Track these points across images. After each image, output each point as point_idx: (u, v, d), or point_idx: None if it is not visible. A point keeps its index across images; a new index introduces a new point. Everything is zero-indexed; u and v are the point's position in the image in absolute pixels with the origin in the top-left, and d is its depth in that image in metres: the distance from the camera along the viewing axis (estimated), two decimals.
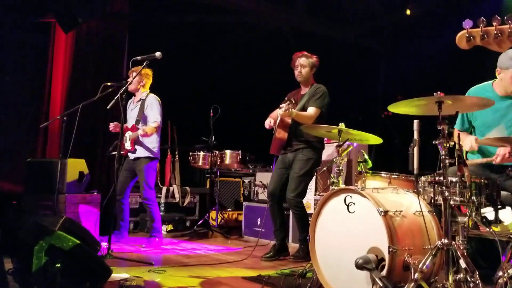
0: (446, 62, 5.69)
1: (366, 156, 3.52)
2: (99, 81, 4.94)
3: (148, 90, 5.07)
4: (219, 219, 6.40)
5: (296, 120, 4.16)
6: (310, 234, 2.98)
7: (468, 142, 3.19)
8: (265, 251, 4.39)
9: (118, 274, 3.18)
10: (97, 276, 2.98)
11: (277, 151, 4.37)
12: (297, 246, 4.39)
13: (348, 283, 2.68)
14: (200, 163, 6.23)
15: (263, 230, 5.56)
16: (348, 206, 2.77)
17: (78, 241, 2.92)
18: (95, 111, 5.93)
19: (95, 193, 5.26)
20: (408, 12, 5.85)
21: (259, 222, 5.71)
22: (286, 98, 4.06)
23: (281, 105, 4.05)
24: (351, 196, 2.77)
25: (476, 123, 3.30)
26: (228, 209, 7.07)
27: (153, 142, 4.93)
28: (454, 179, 2.51)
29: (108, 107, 3.91)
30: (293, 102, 3.98)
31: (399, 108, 2.47)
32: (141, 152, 4.89)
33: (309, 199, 5.16)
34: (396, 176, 3.09)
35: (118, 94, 3.91)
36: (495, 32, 2.09)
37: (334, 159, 3.20)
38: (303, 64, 4.31)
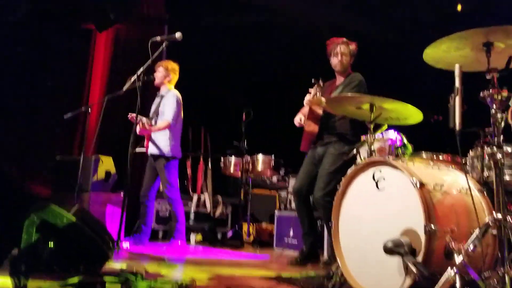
0: None
1: (405, 141, 3.08)
2: None
3: (173, 86, 4.85)
4: (251, 231, 5.98)
5: (327, 110, 3.75)
6: (333, 220, 2.54)
7: None
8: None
9: (119, 265, 2.84)
10: (93, 260, 2.67)
11: (307, 146, 3.94)
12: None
13: (377, 275, 2.22)
14: (232, 169, 5.89)
15: (295, 241, 5.12)
16: (377, 182, 2.33)
17: (74, 219, 2.64)
18: (129, 107, 5.76)
19: (122, 193, 5.04)
20: (459, 7, 5.36)
21: (292, 233, 5.24)
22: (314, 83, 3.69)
23: (310, 90, 3.68)
24: (380, 170, 2.33)
25: None
26: (262, 223, 6.65)
27: (167, 140, 4.66)
28: (510, 149, 2.03)
29: (123, 89, 3.70)
30: (321, 85, 3.58)
31: (438, 53, 2.04)
32: (156, 150, 4.64)
33: None
34: (440, 158, 2.60)
35: (135, 76, 3.68)
36: None
37: (365, 138, 2.77)
38: (343, 52, 3.89)
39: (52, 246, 2.57)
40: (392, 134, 4.48)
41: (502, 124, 1.91)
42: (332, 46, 3.93)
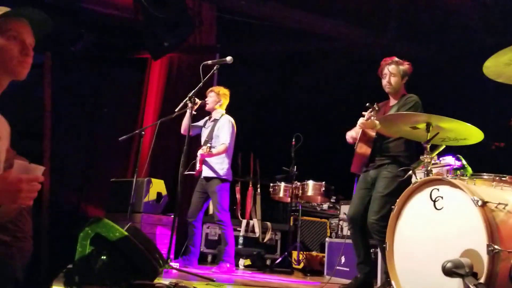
0: None
1: (465, 162, 2.94)
2: None
3: (224, 111, 4.92)
4: (301, 257, 5.85)
5: (381, 133, 3.64)
6: (388, 241, 2.44)
7: None
8: None
9: (165, 280, 2.85)
10: (143, 274, 2.69)
11: (359, 169, 3.80)
12: None
13: None
14: (281, 194, 5.84)
15: (348, 269, 4.96)
16: (434, 202, 2.23)
17: (126, 233, 2.69)
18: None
19: (173, 215, 5.10)
20: None
21: (343, 260, 5.09)
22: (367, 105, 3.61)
23: (363, 113, 3.61)
24: (438, 189, 2.23)
25: None
26: (313, 251, 6.51)
27: (222, 163, 4.71)
28: None
29: (176, 110, 3.79)
30: (376, 108, 3.51)
31: (499, 65, 1.96)
32: (210, 173, 4.68)
33: None
34: (503, 179, 2.45)
35: (187, 98, 3.78)
36: None
37: (421, 157, 2.67)
38: (392, 72, 3.76)
39: (104, 259, 2.62)
40: (450, 159, 4.31)
41: None
42: (382, 67, 3.83)
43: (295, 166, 5.77)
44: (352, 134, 3.89)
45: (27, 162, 1.54)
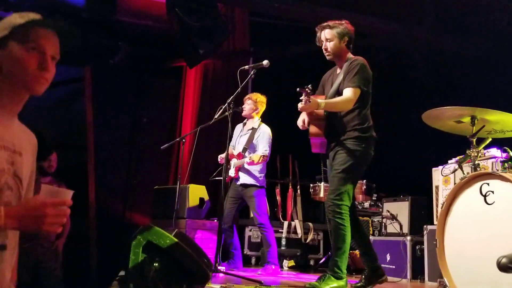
0: None
1: None
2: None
3: (260, 119, 4.96)
4: None
5: (330, 110, 3.30)
6: (438, 238, 2.41)
7: None
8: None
9: (215, 285, 2.91)
10: (195, 279, 2.76)
11: (319, 149, 3.47)
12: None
13: None
14: (321, 194, 5.80)
15: (393, 267, 4.91)
16: (485, 196, 2.19)
17: (176, 240, 2.76)
18: (220, 136, 5.94)
19: (216, 220, 5.18)
20: None
21: (388, 258, 5.04)
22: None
23: (300, 98, 3.17)
24: (488, 184, 2.20)
25: None
26: (356, 250, 6.46)
27: (260, 171, 4.77)
28: None
29: (215, 117, 3.87)
30: (309, 90, 3.08)
31: None
32: (247, 179, 4.75)
33: None
34: None
35: (226, 104, 3.84)
36: None
37: (467, 152, 2.63)
38: (327, 37, 3.34)
39: (157, 266, 2.70)
40: (496, 152, 4.19)
41: None
42: (317, 35, 3.45)
43: None
44: (301, 121, 3.50)
45: (55, 187, 1.41)
